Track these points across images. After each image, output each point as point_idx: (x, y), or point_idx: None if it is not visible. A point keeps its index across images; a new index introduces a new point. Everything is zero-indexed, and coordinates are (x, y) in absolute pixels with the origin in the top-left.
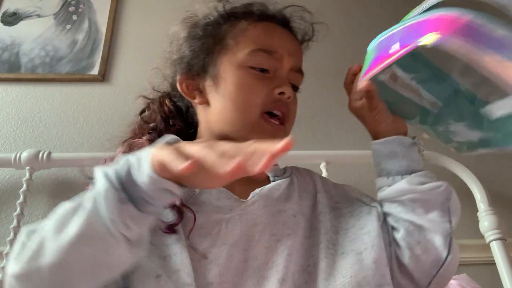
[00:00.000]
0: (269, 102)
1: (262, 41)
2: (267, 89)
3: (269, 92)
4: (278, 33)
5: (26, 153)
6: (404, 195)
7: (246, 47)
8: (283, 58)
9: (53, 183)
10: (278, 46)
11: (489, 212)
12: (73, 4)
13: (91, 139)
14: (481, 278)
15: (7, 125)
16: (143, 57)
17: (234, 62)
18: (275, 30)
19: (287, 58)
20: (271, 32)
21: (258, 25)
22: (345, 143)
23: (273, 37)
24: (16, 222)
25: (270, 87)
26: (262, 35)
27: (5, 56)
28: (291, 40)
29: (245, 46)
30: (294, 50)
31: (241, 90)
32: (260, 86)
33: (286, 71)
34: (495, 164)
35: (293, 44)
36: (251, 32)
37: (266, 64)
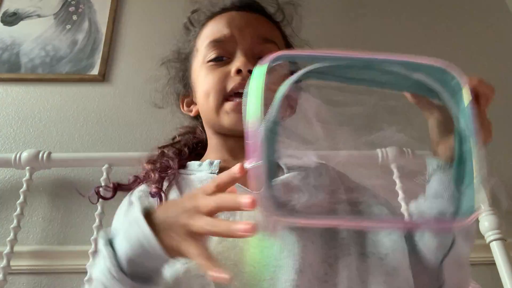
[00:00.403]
0: (226, 85)
1: (211, 33)
2: (222, 74)
3: (224, 76)
4: (226, 18)
5: (26, 153)
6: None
7: (202, 46)
8: (234, 38)
9: (53, 183)
10: (226, 29)
11: (489, 212)
12: (73, 4)
13: (91, 139)
14: (481, 278)
15: (7, 125)
16: (143, 57)
17: (197, 65)
18: (223, 17)
19: (238, 34)
20: (219, 21)
21: (210, 22)
22: None
23: (221, 24)
24: (16, 222)
25: (226, 71)
26: (211, 29)
27: (5, 56)
28: (244, 16)
29: (201, 46)
30: (247, 24)
31: (202, 85)
32: (215, 74)
33: (243, 48)
34: (495, 164)
35: (247, 19)
36: (204, 32)
37: (218, 52)
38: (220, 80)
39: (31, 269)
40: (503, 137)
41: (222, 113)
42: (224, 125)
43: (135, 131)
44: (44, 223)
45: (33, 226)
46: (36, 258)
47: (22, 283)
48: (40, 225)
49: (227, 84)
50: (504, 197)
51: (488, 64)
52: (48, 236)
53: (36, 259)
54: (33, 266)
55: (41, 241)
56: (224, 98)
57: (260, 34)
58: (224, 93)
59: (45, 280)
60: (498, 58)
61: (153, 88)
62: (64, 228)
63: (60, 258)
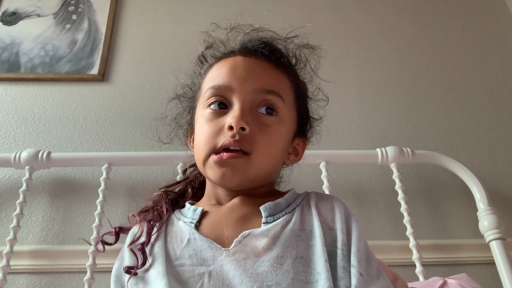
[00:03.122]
0: (217, 141)
1: (212, 78)
2: (217, 127)
3: (218, 131)
4: (229, 66)
5: (25, 153)
6: None
7: (204, 89)
8: (233, 88)
9: (52, 183)
10: (226, 78)
11: (488, 212)
12: (73, 4)
13: (91, 139)
14: (481, 277)
15: (7, 124)
16: (143, 56)
17: (200, 107)
18: (227, 63)
19: (238, 85)
20: (223, 67)
21: (216, 65)
22: (345, 143)
23: (223, 70)
24: (15, 222)
25: (221, 125)
26: (215, 73)
27: (5, 56)
28: (248, 65)
29: (204, 89)
30: (250, 75)
31: (198, 132)
32: (210, 126)
33: (240, 100)
34: (495, 163)
35: (251, 69)
36: (209, 74)
37: (218, 99)
38: (213, 135)
39: (30, 268)
40: (503, 136)
41: (207, 166)
42: (209, 177)
43: (135, 130)
44: (44, 222)
45: (33, 225)
46: (35, 257)
47: (22, 283)
48: (39, 225)
49: (219, 139)
50: None
51: (488, 64)
52: (48, 236)
53: (35, 259)
54: (32, 265)
55: (41, 240)
56: (212, 152)
57: (262, 86)
58: (214, 149)
59: (45, 280)
60: (498, 58)
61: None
62: (64, 228)
63: (60, 257)
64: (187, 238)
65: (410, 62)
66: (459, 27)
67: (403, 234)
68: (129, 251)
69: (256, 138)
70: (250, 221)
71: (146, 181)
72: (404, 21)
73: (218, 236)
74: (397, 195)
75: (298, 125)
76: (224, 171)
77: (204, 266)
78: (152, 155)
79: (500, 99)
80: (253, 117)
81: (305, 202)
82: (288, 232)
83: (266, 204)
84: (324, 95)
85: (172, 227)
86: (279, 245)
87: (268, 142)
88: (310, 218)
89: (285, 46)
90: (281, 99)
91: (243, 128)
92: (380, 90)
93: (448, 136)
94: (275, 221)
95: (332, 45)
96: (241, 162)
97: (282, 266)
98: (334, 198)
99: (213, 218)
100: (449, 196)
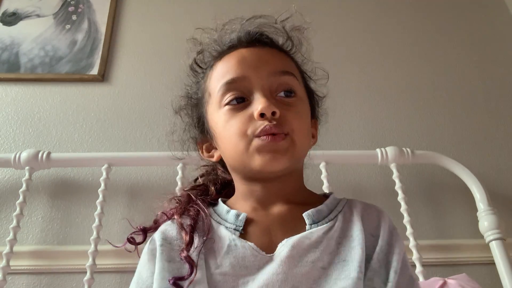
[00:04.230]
0: (253, 129)
1: (222, 75)
2: (245, 117)
3: (249, 120)
4: (236, 57)
5: (25, 153)
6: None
7: (215, 89)
8: (249, 77)
9: (52, 183)
10: (238, 69)
11: (488, 212)
12: (73, 4)
13: (90, 139)
14: (481, 278)
15: (7, 125)
16: (143, 57)
17: (214, 109)
18: (233, 57)
19: (253, 73)
20: (229, 61)
21: (219, 63)
22: (345, 143)
23: (232, 64)
24: (15, 222)
25: (248, 114)
26: (222, 70)
27: (5, 56)
28: (255, 53)
29: (214, 89)
30: (261, 61)
31: (225, 130)
32: (238, 118)
33: (261, 88)
34: (495, 164)
35: (259, 55)
36: (214, 74)
37: (235, 94)
38: (245, 124)
39: (30, 269)
40: (503, 137)
41: (250, 155)
42: (255, 166)
43: (135, 131)
44: (44, 223)
45: (33, 226)
46: (35, 258)
47: (21, 283)
48: (39, 225)
49: (253, 127)
50: None
51: (488, 64)
52: (48, 236)
53: (35, 259)
54: (32, 266)
55: (41, 241)
56: (251, 140)
57: (276, 68)
58: (252, 136)
59: (45, 280)
60: (498, 58)
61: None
62: (63, 228)
63: (60, 258)
64: (227, 245)
65: (410, 62)
66: (459, 27)
67: (403, 234)
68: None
69: (289, 119)
70: (295, 228)
71: (146, 181)
72: (404, 21)
73: (264, 243)
74: (397, 196)
75: (311, 107)
76: (274, 155)
77: (247, 275)
78: (152, 155)
79: (500, 99)
80: (276, 101)
81: (347, 209)
82: (330, 239)
83: (309, 211)
84: (323, 71)
85: (212, 231)
86: (321, 249)
87: (300, 120)
88: (352, 225)
89: (283, 27)
90: (295, 78)
91: (274, 112)
92: (380, 90)
93: (448, 136)
94: (318, 227)
95: (332, 45)
96: (286, 143)
97: (326, 270)
98: (380, 209)
99: (259, 225)
100: (449, 196)
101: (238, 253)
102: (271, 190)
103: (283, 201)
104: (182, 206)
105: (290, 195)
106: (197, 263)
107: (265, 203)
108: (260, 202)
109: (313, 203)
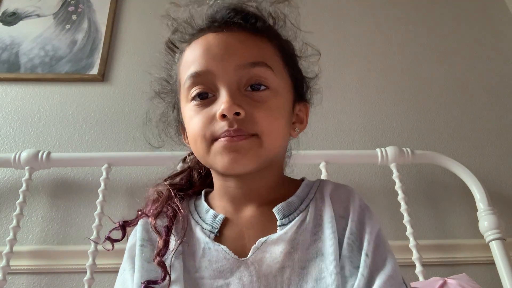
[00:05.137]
0: (213, 130)
1: (188, 65)
2: (208, 117)
3: (210, 120)
4: (202, 47)
5: (25, 153)
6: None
7: (183, 80)
8: (214, 71)
9: (52, 183)
10: (203, 61)
11: (488, 212)
12: (73, 4)
13: (90, 139)
14: (481, 277)
15: (7, 125)
16: (143, 57)
17: (183, 101)
18: (199, 44)
19: (218, 67)
20: (195, 49)
21: (187, 49)
22: (345, 143)
23: (197, 54)
24: (15, 222)
25: (212, 113)
26: (188, 59)
27: (5, 56)
28: (222, 41)
29: (182, 80)
30: (227, 52)
31: (189, 128)
32: (200, 117)
33: (226, 84)
34: (495, 163)
35: (226, 44)
36: (183, 61)
37: (200, 88)
38: (206, 124)
39: (30, 269)
40: (503, 136)
41: (212, 154)
42: (218, 168)
43: (135, 131)
44: (44, 223)
45: (33, 226)
46: (35, 258)
47: (21, 283)
48: (39, 225)
49: (214, 128)
50: None
51: (488, 64)
52: (48, 236)
53: (35, 259)
54: (32, 266)
55: (41, 241)
56: (213, 140)
57: (245, 60)
58: (212, 137)
59: (45, 280)
60: (498, 58)
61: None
62: (63, 228)
63: (60, 258)
64: (202, 248)
65: (410, 62)
66: (459, 27)
67: (403, 234)
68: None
69: (257, 118)
70: (268, 226)
71: (146, 181)
72: (404, 21)
73: (238, 246)
74: (397, 195)
75: (295, 90)
76: (234, 156)
77: (221, 279)
78: (152, 155)
79: (500, 99)
80: (244, 97)
81: (318, 195)
82: (305, 233)
83: (279, 205)
84: (314, 49)
85: (189, 232)
86: (299, 248)
87: (271, 118)
88: (324, 212)
89: (258, 7)
90: (269, 68)
91: (238, 113)
92: (380, 90)
93: (448, 136)
94: (290, 222)
95: (332, 46)
96: (248, 144)
97: (305, 269)
98: (350, 188)
99: (233, 227)
100: (449, 196)
101: (212, 257)
102: (244, 188)
103: (257, 201)
104: (161, 204)
105: (265, 192)
106: (172, 265)
107: (238, 203)
108: (234, 202)
109: (286, 190)
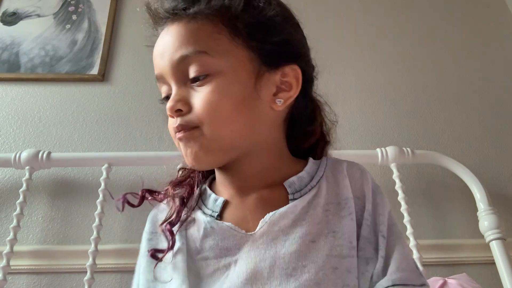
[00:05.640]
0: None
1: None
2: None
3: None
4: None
5: (25, 153)
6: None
7: None
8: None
9: (52, 183)
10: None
11: (488, 212)
12: (73, 4)
13: (90, 139)
14: (481, 277)
15: (7, 125)
16: (143, 57)
17: None
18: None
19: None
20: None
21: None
22: (345, 143)
23: (153, 55)
24: (16, 222)
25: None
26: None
27: (5, 56)
28: (161, 41)
29: None
30: (164, 51)
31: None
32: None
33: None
34: (495, 163)
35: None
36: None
37: (164, 91)
38: (171, 125)
39: (30, 268)
40: (503, 136)
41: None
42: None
43: (135, 130)
44: (44, 222)
45: (33, 225)
46: (36, 257)
47: (22, 283)
48: (39, 225)
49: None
50: None
51: (488, 64)
52: (48, 236)
53: (36, 259)
54: (33, 265)
55: (41, 240)
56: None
57: (174, 58)
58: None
59: (45, 280)
60: (498, 58)
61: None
62: (64, 228)
63: (60, 257)
64: (203, 228)
65: (410, 62)
66: (459, 27)
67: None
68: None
69: (196, 110)
70: (276, 203)
71: (146, 181)
72: (404, 21)
73: (241, 221)
74: (397, 195)
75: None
76: (192, 157)
77: (228, 256)
78: (152, 155)
79: (500, 99)
80: (191, 91)
81: (329, 172)
82: (317, 208)
83: (290, 179)
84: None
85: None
86: (309, 221)
87: (206, 107)
88: (341, 190)
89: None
90: (202, 54)
91: (180, 109)
92: (380, 90)
93: (448, 136)
94: (301, 196)
95: (332, 46)
96: (191, 135)
97: (315, 243)
98: (361, 166)
99: (237, 210)
100: (449, 196)
101: (216, 235)
102: (239, 175)
103: (258, 185)
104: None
105: (265, 175)
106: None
107: (241, 189)
108: (235, 188)
109: (294, 167)
